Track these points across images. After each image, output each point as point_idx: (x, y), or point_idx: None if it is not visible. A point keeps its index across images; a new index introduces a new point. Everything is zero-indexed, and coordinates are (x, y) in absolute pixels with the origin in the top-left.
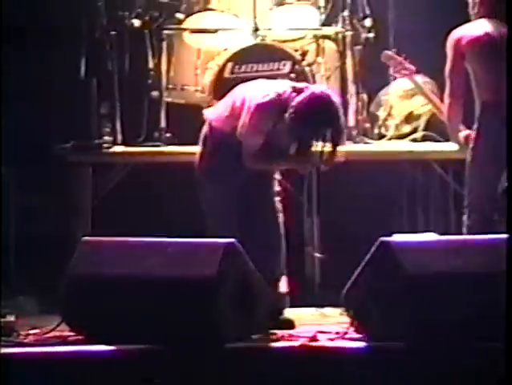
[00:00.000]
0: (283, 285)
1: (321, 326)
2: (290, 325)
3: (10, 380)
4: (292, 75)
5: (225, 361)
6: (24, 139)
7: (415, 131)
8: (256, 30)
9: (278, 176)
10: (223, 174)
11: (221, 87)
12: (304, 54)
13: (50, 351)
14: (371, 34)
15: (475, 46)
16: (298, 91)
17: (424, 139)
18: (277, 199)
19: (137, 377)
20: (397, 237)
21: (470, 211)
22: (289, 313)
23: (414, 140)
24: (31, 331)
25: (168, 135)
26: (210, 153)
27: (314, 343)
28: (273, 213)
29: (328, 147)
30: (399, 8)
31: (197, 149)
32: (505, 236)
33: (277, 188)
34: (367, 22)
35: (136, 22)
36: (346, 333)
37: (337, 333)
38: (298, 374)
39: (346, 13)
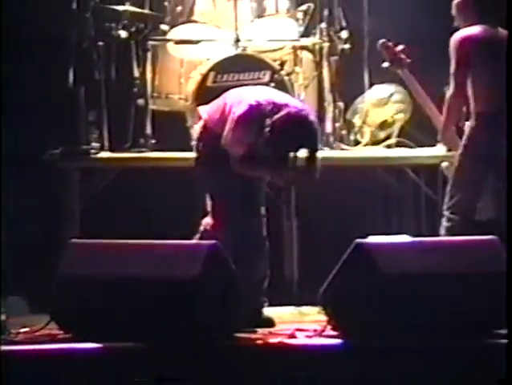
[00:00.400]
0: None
1: (299, 323)
2: (270, 323)
3: (1, 377)
4: (272, 84)
5: (208, 358)
6: (15, 145)
7: (389, 137)
8: (237, 41)
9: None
10: (219, 170)
11: (204, 95)
12: (283, 64)
13: (40, 349)
14: (347, 46)
15: (479, 48)
16: (278, 108)
17: (397, 145)
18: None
19: (124, 374)
20: (372, 239)
21: (452, 213)
22: (269, 311)
23: (388, 147)
24: (22, 330)
25: (153, 141)
26: (205, 150)
27: (292, 340)
28: (260, 216)
29: (303, 164)
30: (375, 19)
31: (182, 154)
32: (477, 237)
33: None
34: (344, 34)
35: (123, 33)
36: (323, 330)
37: (315, 330)
38: (277, 370)
39: (323, 25)
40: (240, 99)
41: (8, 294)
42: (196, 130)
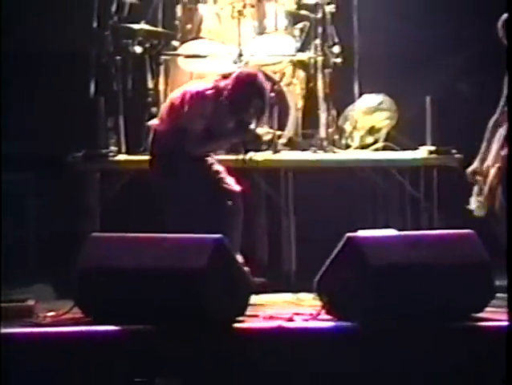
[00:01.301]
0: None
1: (297, 308)
2: (264, 287)
3: (30, 356)
4: (272, 94)
5: (212, 341)
6: (42, 150)
7: (376, 142)
8: (240, 55)
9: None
10: (171, 174)
11: None
12: (282, 76)
13: (65, 331)
14: (340, 59)
15: None
16: (228, 76)
17: (384, 148)
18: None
19: (137, 352)
20: (361, 233)
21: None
22: (269, 298)
23: (376, 150)
24: (48, 314)
25: None
26: (157, 157)
27: (290, 324)
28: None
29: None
30: (364, 36)
31: None
32: (456, 231)
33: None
34: (336, 49)
35: (138, 49)
36: (318, 314)
37: (311, 315)
38: (277, 349)
39: (317, 41)
40: (190, 86)
41: (36, 282)
42: (149, 139)
